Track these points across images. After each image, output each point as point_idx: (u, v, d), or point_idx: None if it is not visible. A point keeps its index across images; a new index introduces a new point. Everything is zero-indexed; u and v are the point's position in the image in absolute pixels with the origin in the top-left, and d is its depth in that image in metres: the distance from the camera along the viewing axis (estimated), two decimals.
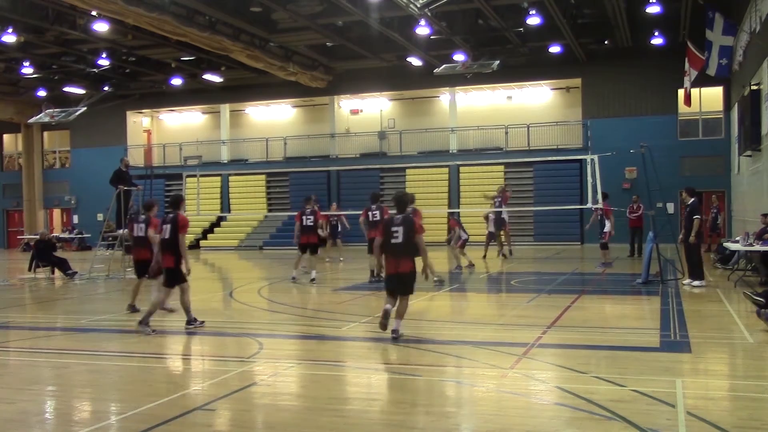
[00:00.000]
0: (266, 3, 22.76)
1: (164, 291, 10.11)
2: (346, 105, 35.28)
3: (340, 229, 23.49)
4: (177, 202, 10.32)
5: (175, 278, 9.98)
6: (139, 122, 38.38)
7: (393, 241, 8.98)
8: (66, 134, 38.35)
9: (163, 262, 10.01)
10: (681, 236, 14.75)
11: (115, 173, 18.97)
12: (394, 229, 9.01)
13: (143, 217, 11.86)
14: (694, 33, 24.35)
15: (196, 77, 32.35)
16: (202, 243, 33.66)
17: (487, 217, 21.85)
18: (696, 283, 13.83)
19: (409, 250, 8.99)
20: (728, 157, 27.18)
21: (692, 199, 14.30)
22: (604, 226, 18.40)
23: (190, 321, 10.16)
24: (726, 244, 17.12)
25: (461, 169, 31.33)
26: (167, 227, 9.98)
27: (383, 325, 8.74)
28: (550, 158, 29.16)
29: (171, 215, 10.12)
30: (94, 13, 22.61)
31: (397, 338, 8.75)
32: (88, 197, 36.12)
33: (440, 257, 24.25)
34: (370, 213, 15.53)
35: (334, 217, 23.51)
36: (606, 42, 28.05)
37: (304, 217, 16.14)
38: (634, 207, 22.52)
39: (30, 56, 29.30)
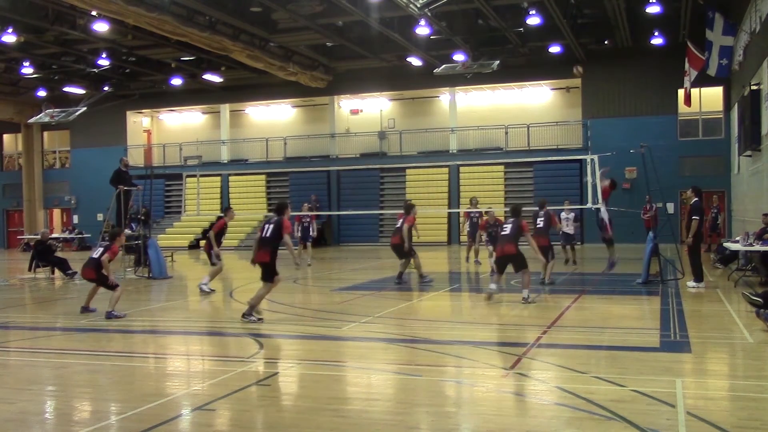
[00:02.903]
0: (266, 3, 22.76)
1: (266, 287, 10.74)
2: (346, 105, 35.29)
3: (311, 231, 21.69)
4: (282, 209, 11.02)
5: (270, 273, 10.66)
6: (139, 122, 38.40)
7: (502, 233, 12.35)
8: (66, 134, 38.37)
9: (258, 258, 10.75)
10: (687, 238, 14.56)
11: (115, 173, 18.97)
12: (505, 225, 12.49)
13: (106, 243, 11.87)
14: (694, 33, 24.37)
15: (196, 77, 32.35)
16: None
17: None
18: (692, 284, 13.75)
19: (514, 239, 12.07)
20: (728, 157, 27.18)
21: (695, 200, 14.25)
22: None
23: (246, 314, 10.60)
24: (726, 244, 17.11)
25: (461, 169, 31.35)
26: (269, 227, 10.71)
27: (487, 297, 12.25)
28: (550, 158, 29.17)
29: (276, 218, 10.82)
30: (94, 13, 22.62)
31: (527, 301, 11.75)
32: (88, 197, 36.13)
33: (440, 257, 24.18)
34: (400, 220, 15.79)
35: (307, 219, 21.49)
36: (606, 42, 28.07)
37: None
38: (647, 207, 22.52)
39: (30, 56, 29.31)
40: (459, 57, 26.97)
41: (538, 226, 14.20)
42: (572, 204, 20.28)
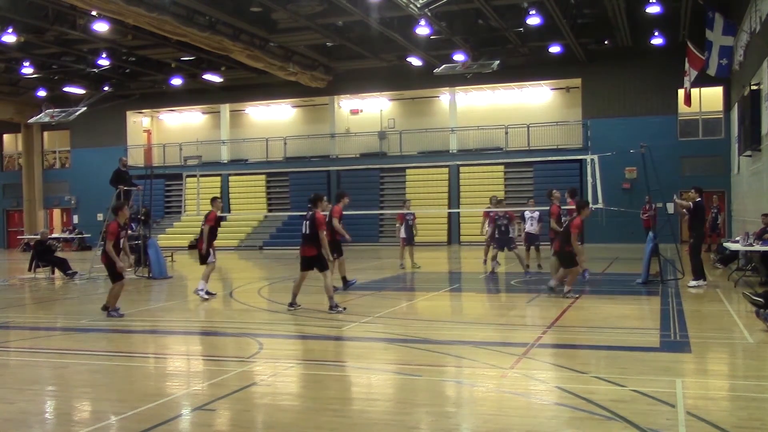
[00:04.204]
0: (266, 3, 22.76)
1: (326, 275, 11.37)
2: (346, 105, 35.29)
3: None
4: (315, 200, 11.53)
5: (322, 264, 11.26)
6: (139, 122, 38.40)
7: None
8: (66, 134, 38.38)
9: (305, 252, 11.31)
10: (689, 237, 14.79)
11: (115, 173, 18.99)
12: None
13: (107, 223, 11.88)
14: (694, 33, 24.36)
15: (196, 77, 32.35)
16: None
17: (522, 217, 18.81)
18: (693, 283, 13.80)
19: (566, 238, 12.61)
20: (728, 157, 27.17)
21: (698, 199, 14.28)
22: (508, 232, 16.96)
23: (332, 306, 11.18)
24: (726, 244, 17.12)
25: (461, 169, 31.34)
26: (307, 223, 11.19)
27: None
28: (550, 158, 29.17)
29: (310, 213, 11.28)
30: (94, 13, 22.61)
31: (552, 290, 12.51)
32: (88, 197, 36.12)
33: (440, 257, 24.14)
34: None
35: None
36: (606, 42, 28.06)
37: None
38: (647, 207, 22.53)
39: (30, 56, 29.31)
40: (459, 57, 26.97)
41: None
42: (537, 204, 18.95)
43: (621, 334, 9.25)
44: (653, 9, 22.91)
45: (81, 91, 33.46)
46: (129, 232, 18.72)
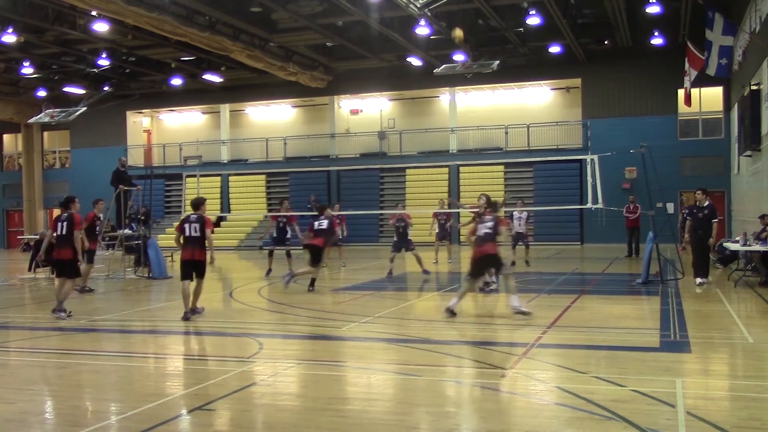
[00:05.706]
0: (266, 3, 22.76)
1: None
2: (346, 105, 35.29)
3: (343, 232, 21.73)
4: (198, 204, 11.36)
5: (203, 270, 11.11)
6: (139, 122, 38.39)
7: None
8: (66, 134, 38.37)
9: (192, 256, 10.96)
10: (685, 238, 14.79)
11: (115, 174, 19.01)
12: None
13: (65, 215, 11.87)
14: (694, 33, 24.36)
15: (196, 77, 32.35)
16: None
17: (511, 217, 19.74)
18: (702, 280, 13.91)
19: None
20: (728, 157, 27.18)
21: (708, 202, 14.38)
22: (286, 233, 18.46)
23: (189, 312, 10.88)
24: (726, 244, 17.12)
25: (461, 169, 31.33)
26: (196, 226, 10.93)
27: None
28: (550, 158, 29.17)
29: (196, 215, 11.07)
30: (94, 13, 22.62)
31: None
32: (88, 197, 35.69)
33: (440, 257, 24.16)
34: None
35: (338, 218, 21.15)
36: (606, 42, 28.07)
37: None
38: (631, 207, 22.52)
39: (30, 56, 29.30)
40: (459, 57, 26.93)
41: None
42: (525, 204, 20.31)
43: (621, 334, 9.25)
44: (653, 9, 22.91)
45: (81, 91, 33.45)
46: (129, 232, 18.83)
